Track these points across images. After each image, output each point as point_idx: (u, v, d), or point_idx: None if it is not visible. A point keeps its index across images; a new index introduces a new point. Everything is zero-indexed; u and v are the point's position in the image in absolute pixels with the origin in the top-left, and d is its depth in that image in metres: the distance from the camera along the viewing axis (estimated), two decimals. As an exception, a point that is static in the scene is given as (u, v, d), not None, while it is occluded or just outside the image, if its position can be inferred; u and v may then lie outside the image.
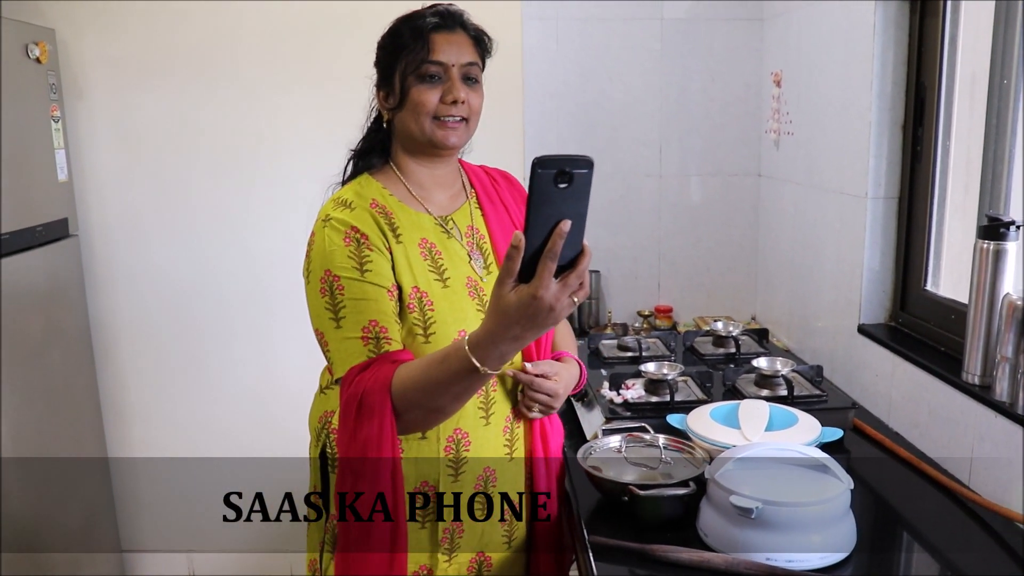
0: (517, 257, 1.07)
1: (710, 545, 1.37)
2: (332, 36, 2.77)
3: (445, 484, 1.47)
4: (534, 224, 1.05)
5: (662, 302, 2.97)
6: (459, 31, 1.46)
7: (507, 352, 1.18)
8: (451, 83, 1.43)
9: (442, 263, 1.45)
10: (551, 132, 2.85)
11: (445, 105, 1.43)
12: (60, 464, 2.64)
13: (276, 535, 3.10)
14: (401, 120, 1.47)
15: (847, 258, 2.19)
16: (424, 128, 1.44)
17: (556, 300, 1.09)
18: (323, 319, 1.38)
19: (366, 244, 1.37)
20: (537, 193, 1.03)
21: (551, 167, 1.03)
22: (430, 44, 1.42)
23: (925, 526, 1.52)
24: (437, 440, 1.45)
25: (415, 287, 1.40)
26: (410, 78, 1.42)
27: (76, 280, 2.79)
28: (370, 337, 1.35)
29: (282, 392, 2.96)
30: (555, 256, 1.06)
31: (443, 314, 1.41)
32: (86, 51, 2.77)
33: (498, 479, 1.52)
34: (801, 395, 1.99)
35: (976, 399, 1.62)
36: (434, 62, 1.42)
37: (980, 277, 1.61)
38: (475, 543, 1.52)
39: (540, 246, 1.06)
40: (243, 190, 2.88)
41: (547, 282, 1.07)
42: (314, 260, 1.39)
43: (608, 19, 2.79)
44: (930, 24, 1.94)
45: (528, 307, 1.09)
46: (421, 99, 1.42)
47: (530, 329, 1.12)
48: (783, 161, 2.67)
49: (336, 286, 1.36)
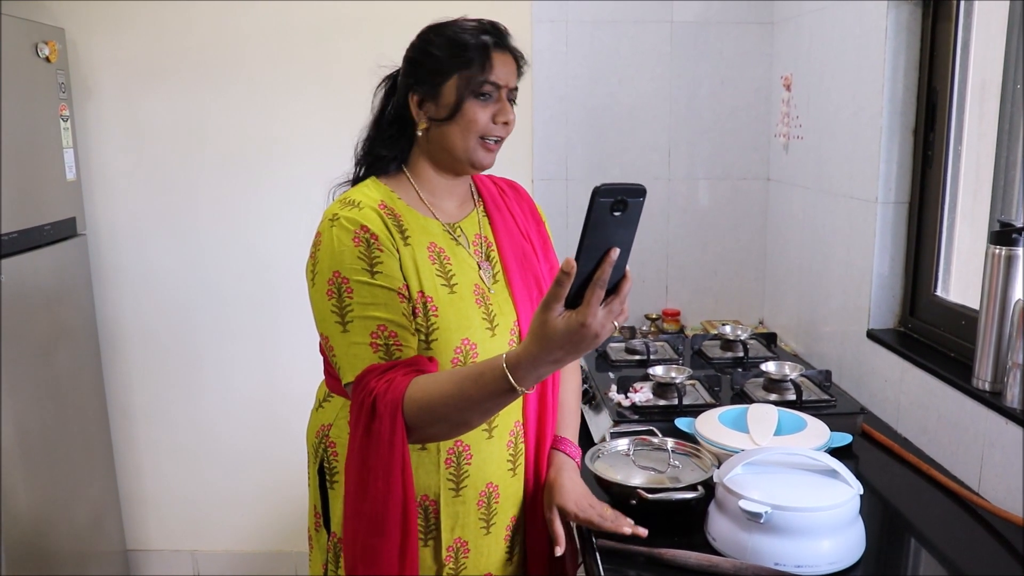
0: (567, 283, 1.06)
1: (718, 550, 1.36)
2: (340, 38, 2.77)
3: (446, 498, 1.44)
4: (586, 250, 1.04)
5: (670, 305, 2.97)
6: (508, 52, 1.45)
7: (545, 374, 1.17)
8: (502, 104, 1.43)
9: (450, 268, 1.42)
10: (560, 135, 2.84)
11: (495, 125, 1.42)
12: (66, 463, 2.64)
13: (281, 534, 3.10)
14: (444, 133, 1.43)
15: (856, 263, 2.18)
16: (469, 146, 1.42)
17: (602, 327, 1.09)
18: (329, 323, 1.35)
19: (376, 244, 1.34)
20: (594, 220, 1.02)
21: (611, 196, 1.02)
22: (492, 62, 1.40)
23: (934, 532, 1.51)
24: (437, 451, 1.43)
25: (420, 291, 1.37)
26: (467, 94, 1.40)
27: (83, 279, 2.80)
28: (379, 344, 1.32)
29: (287, 393, 2.97)
30: (604, 284, 1.06)
31: (447, 320, 1.38)
32: (95, 51, 2.78)
33: (501, 496, 1.50)
34: (810, 400, 1.98)
35: (986, 405, 1.61)
36: (492, 83, 1.41)
37: (991, 283, 1.61)
38: (482, 564, 1.50)
39: (588, 272, 1.06)
40: (250, 191, 2.88)
41: (595, 309, 1.07)
42: (321, 260, 1.35)
43: (618, 22, 2.79)
44: (942, 28, 1.94)
45: (575, 334, 1.08)
46: (475, 117, 1.40)
47: (572, 353, 1.12)
48: (792, 165, 2.66)
49: (345, 289, 1.32)
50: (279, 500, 3.06)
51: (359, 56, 2.79)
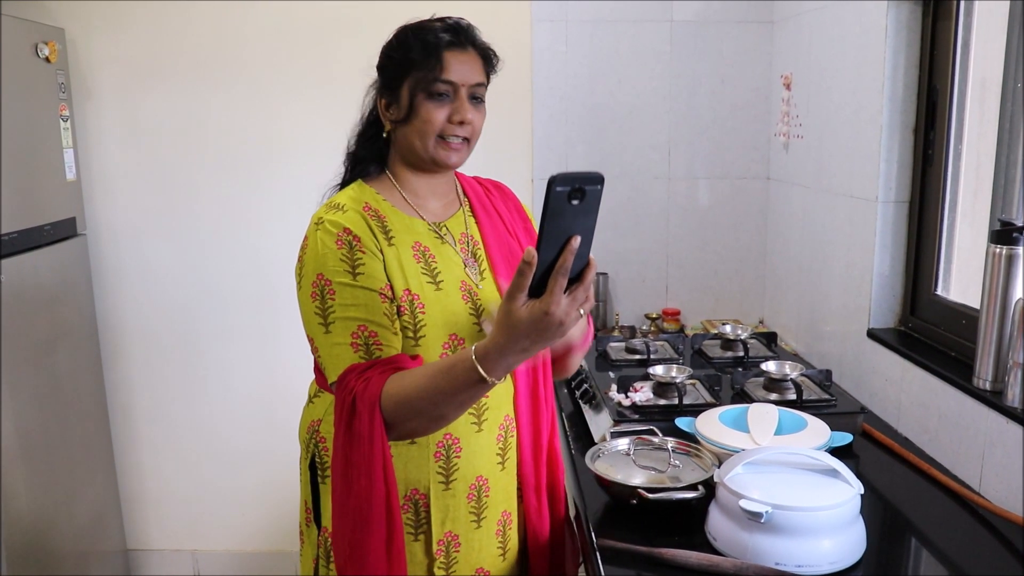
0: (529, 273, 1.07)
1: (719, 549, 1.36)
2: (340, 37, 2.77)
3: (436, 492, 1.45)
4: (546, 240, 1.05)
5: (670, 305, 2.97)
6: (470, 49, 1.44)
7: (514, 363, 1.19)
8: (460, 103, 1.41)
9: (435, 266, 1.43)
10: (560, 134, 2.84)
11: (451, 125, 1.41)
12: (66, 462, 2.64)
13: (281, 534, 3.10)
14: (404, 134, 1.44)
15: (856, 262, 2.18)
16: (428, 146, 1.42)
17: (566, 315, 1.10)
18: (313, 324, 1.37)
19: (358, 247, 1.35)
20: (551, 210, 1.04)
21: (567, 184, 1.03)
22: (442, 62, 1.40)
23: (935, 532, 1.51)
24: (427, 445, 1.43)
25: (407, 289, 1.38)
26: (419, 94, 1.40)
27: (83, 279, 2.80)
28: (359, 344, 1.34)
29: (287, 393, 2.95)
30: (566, 272, 1.07)
31: (434, 317, 1.39)
32: (95, 51, 2.78)
33: (491, 489, 1.50)
34: (810, 399, 1.98)
35: (987, 404, 1.61)
36: (445, 81, 1.40)
37: (992, 282, 1.61)
38: (473, 558, 1.50)
39: (550, 261, 1.07)
40: (251, 190, 2.88)
41: (558, 298, 1.09)
42: (307, 264, 1.38)
43: (617, 21, 2.79)
44: (942, 27, 1.94)
45: (539, 322, 1.10)
46: (429, 117, 1.40)
47: (538, 342, 1.14)
48: (792, 164, 2.66)
49: (327, 291, 1.35)
50: (279, 500, 3.05)
51: (359, 56, 2.77)
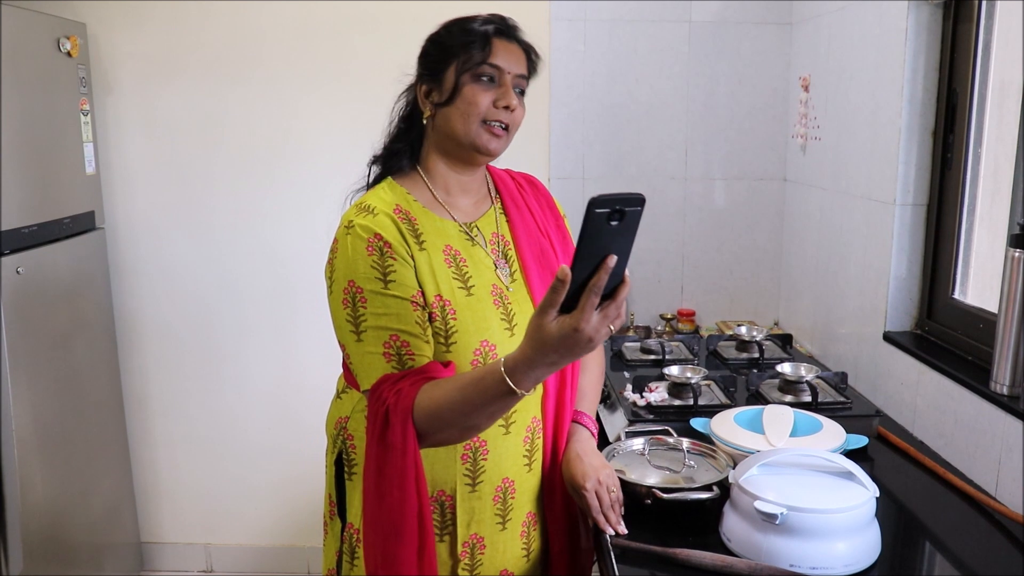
0: (562, 291, 1.06)
1: (733, 550, 1.36)
2: (357, 34, 2.77)
3: (462, 494, 1.45)
4: (581, 258, 1.04)
5: (685, 306, 2.96)
6: (515, 43, 1.46)
7: (542, 376, 1.19)
8: (505, 89, 1.42)
9: (467, 271, 1.42)
10: (577, 133, 2.84)
11: (496, 109, 1.41)
12: (82, 455, 2.66)
13: (294, 528, 3.12)
14: (446, 117, 1.43)
15: (873, 264, 2.17)
16: (470, 129, 1.41)
17: (596, 331, 1.09)
18: (345, 331, 1.37)
19: (389, 253, 1.35)
20: (589, 230, 1.02)
21: (606, 206, 1.01)
22: (491, 46, 1.41)
23: (950, 537, 1.50)
24: (454, 447, 1.43)
25: (438, 295, 1.38)
26: (465, 75, 1.40)
27: (101, 273, 2.82)
28: (392, 353, 1.34)
29: (302, 388, 2.98)
30: (599, 291, 1.06)
31: (465, 323, 1.39)
32: (116, 46, 2.79)
33: (517, 491, 1.50)
34: (825, 402, 1.97)
35: (1004, 409, 1.60)
36: (492, 65, 1.41)
37: (1010, 286, 1.60)
38: (497, 559, 1.50)
39: (585, 277, 1.06)
40: (268, 186, 2.89)
41: (589, 315, 1.08)
42: (338, 269, 1.37)
43: (636, 21, 2.78)
44: (963, 30, 1.93)
45: (569, 338, 1.09)
46: (474, 99, 1.40)
47: (567, 356, 1.13)
48: (809, 166, 2.65)
49: (359, 298, 1.34)
50: (293, 494, 3.07)
51: (376, 53, 2.80)
